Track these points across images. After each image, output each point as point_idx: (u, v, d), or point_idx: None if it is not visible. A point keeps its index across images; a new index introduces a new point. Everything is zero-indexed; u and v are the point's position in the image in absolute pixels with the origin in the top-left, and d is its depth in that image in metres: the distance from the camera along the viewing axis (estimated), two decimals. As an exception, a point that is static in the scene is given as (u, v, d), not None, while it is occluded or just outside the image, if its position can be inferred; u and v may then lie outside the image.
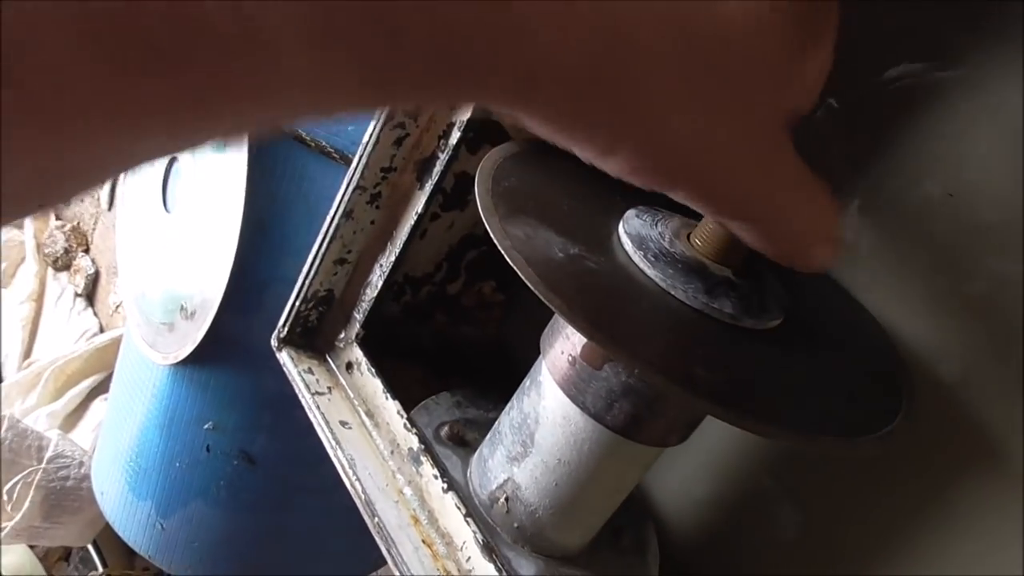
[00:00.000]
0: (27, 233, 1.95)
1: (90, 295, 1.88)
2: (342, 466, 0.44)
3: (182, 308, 0.61)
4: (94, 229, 1.93)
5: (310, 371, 0.49)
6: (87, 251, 1.94)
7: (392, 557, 0.40)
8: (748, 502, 0.49)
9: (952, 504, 0.39)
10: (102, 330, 1.75)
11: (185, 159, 0.63)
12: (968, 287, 0.38)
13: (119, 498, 0.71)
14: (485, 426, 0.44)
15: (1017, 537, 0.36)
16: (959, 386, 0.38)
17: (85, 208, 1.96)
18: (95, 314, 1.82)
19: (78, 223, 1.98)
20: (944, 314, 0.39)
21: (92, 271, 1.87)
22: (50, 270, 1.92)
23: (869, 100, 0.40)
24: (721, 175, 0.25)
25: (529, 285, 0.29)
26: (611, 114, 0.22)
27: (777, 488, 0.47)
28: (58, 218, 2.01)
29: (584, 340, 0.36)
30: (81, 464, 1.21)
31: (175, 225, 0.63)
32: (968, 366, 0.38)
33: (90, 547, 1.37)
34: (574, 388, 0.36)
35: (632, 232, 0.34)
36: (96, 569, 1.33)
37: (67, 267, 1.93)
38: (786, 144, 0.26)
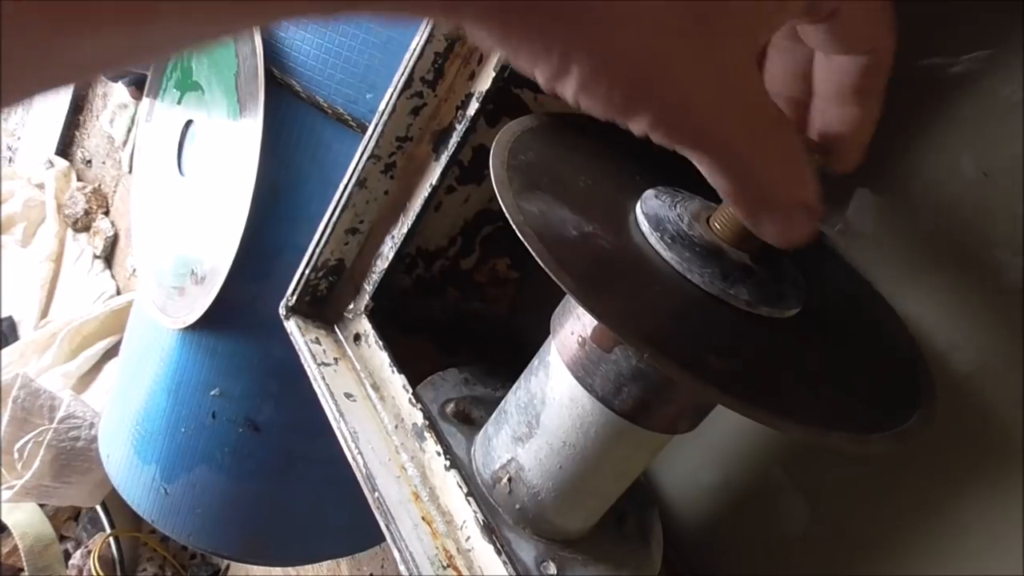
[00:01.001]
0: (48, 194, 1.96)
1: (108, 257, 1.89)
2: (344, 439, 0.43)
3: (193, 273, 0.60)
4: (115, 192, 1.94)
5: (317, 341, 0.49)
6: (107, 213, 1.95)
7: (391, 533, 0.39)
8: (756, 492, 0.48)
9: (964, 500, 0.38)
10: (119, 292, 1.76)
11: (201, 123, 0.62)
12: (987, 276, 0.36)
13: (124, 461, 0.72)
14: (492, 404, 0.44)
15: None
16: (974, 378, 0.37)
17: (106, 171, 1.97)
18: (112, 276, 1.83)
19: (99, 185, 1.98)
20: (961, 303, 0.38)
21: (111, 233, 1.88)
22: (70, 231, 1.94)
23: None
24: (680, 97, 0.23)
25: (539, 262, 0.28)
26: (557, 25, 0.21)
27: (786, 479, 0.46)
28: (79, 179, 2.02)
29: (595, 322, 0.35)
30: (92, 425, 1.22)
31: (189, 189, 0.62)
32: (984, 358, 0.37)
33: (99, 508, 1.39)
34: (583, 370, 0.35)
35: (650, 213, 0.33)
36: (104, 530, 1.35)
37: (87, 229, 1.94)
38: (755, 75, 0.25)
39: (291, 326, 0.49)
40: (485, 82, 0.41)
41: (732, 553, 0.49)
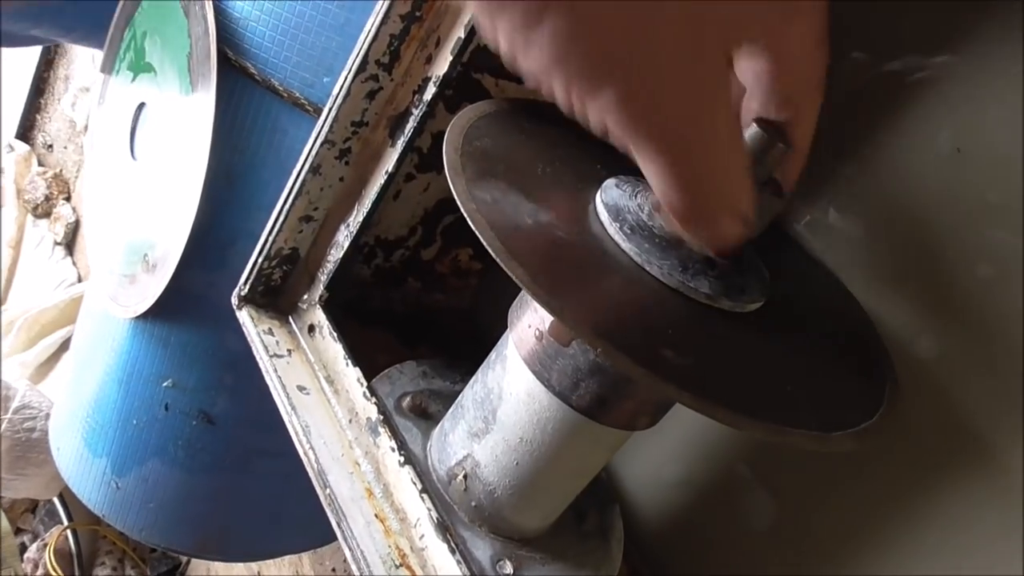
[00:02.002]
0: (7, 178, 1.90)
1: (69, 244, 1.84)
2: (296, 433, 0.42)
3: (144, 260, 0.58)
4: (76, 177, 1.89)
5: (270, 332, 0.47)
6: (68, 199, 1.90)
7: (342, 531, 0.38)
8: (720, 488, 0.48)
9: (929, 493, 0.38)
10: (80, 280, 1.72)
11: (153, 106, 0.60)
12: (942, 266, 0.36)
13: (74, 454, 0.69)
14: (450, 398, 0.42)
15: (994, 524, 0.35)
16: (937, 371, 0.36)
17: (68, 155, 1.92)
18: (73, 264, 1.78)
19: (60, 170, 1.94)
20: (921, 291, 0.37)
21: (72, 220, 1.84)
22: (30, 217, 1.89)
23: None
24: (655, 83, 0.23)
25: (491, 252, 0.27)
26: None
27: (750, 475, 0.46)
28: (40, 164, 1.97)
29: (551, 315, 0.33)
30: (48, 416, 1.19)
31: (141, 174, 0.60)
32: (945, 349, 0.36)
33: (56, 500, 1.36)
34: (540, 364, 0.34)
35: (609, 202, 0.32)
36: (62, 523, 1.31)
37: (47, 215, 1.89)
38: (728, 86, 0.25)
39: (243, 316, 0.48)
40: (443, 66, 0.40)
41: (695, 550, 0.49)
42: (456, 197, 0.29)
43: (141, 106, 0.61)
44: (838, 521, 0.42)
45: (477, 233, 0.27)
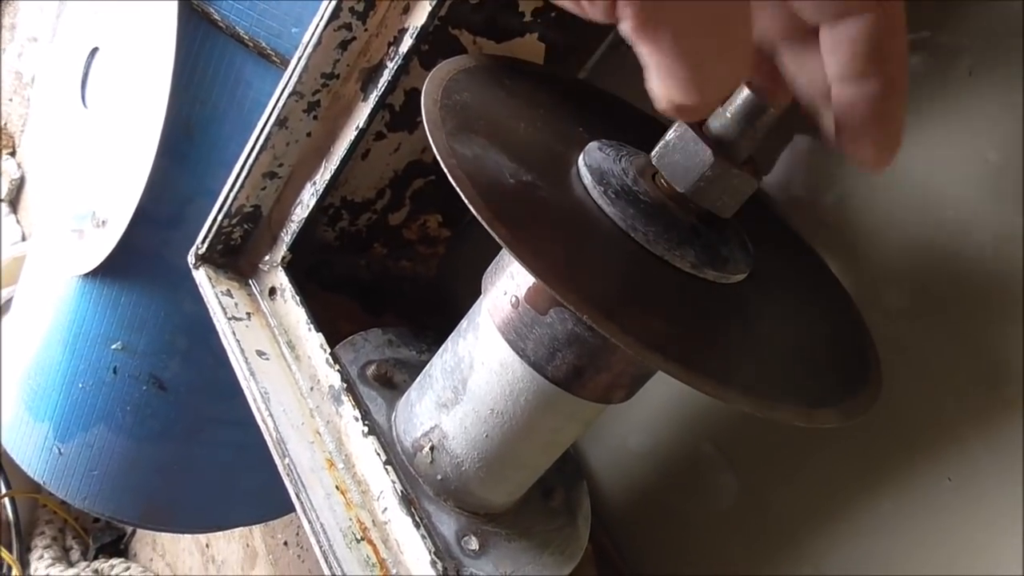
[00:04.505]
0: (-52, 130, 1.81)
1: (13, 201, 1.77)
2: (255, 399, 0.40)
3: (94, 215, 0.55)
4: (22, 131, 1.81)
5: (228, 294, 0.45)
6: (13, 154, 1.82)
7: (301, 502, 0.36)
8: (686, 466, 0.47)
9: (893, 472, 0.38)
10: (24, 239, 1.65)
11: (108, 50, 0.57)
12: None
13: (14, 417, 0.66)
14: (417, 368, 0.41)
15: (956, 505, 0.35)
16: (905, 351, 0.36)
17: (14, 108, 1.84)
18: (18, 221, 1.71)
19: (5, 124, 1.85)
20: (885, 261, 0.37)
21: (17, 176, 1.76)
22: (-28, 172, 1.80)
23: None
24: None
25: (471, 209, 0.25)
26: None
27: (716, 452, 0.45)
28: (-16, 117, 1.88)
29: (530, 281, 0.32)
30: (-13, 378, 1.14)
31: (92, 123, 0.57)
32: (915, 330, 0.36)
33: (-7, 467, 1.31)
34: (515, 333, 0.33)
35: (593, 165, 0.31)
36: (0, 490, 1.27)
37: (-9, 170, 1.81)
38: None
39: (200, 276, 0.45)
40: (420, 16, 0.38)
41: (662, 524, 0.48)
42: (435, 151, 0.27)
43: (94, 51, 0.57)
44: (801, 497, 0.42)
45: (458, 189, 0.26)
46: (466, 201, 0.26)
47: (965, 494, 0.35)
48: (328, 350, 0.41)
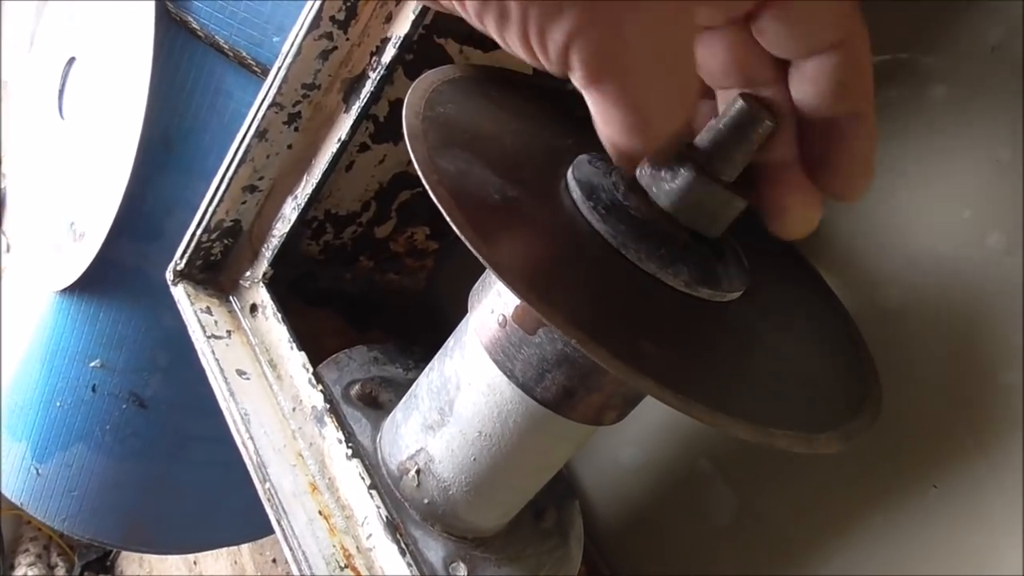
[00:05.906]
0: (-69, 140, 1.79)
1: (-2, 213, 1.74)
2: (234, 421, 0.39)
3: (71, 228, 0.54)
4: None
5: (208, 311, 0.43)
6: (-3, 165, 1.80)
7: (282, 529, 0.35)
8: (682, 484, 0.46)
9: (895, 493, 0.37)
10: (6, 251, 1.63)
11: (85, 60, 0.55)
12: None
13: (-9, 437, 0.64)
14: (403, 387, 0.40)
15: (958, 520, 0.35)
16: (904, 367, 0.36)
17: (-3, 118, 1.82)
18: (2, 233, 1.69)
19: (-11, 134, 1.83)
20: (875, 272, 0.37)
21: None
22: (-45, 182, 1.78)
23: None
24: (616, 11, 0.22)
25: (454, 228, 0.24)
26: None
27: (712, 468, 0.44)
28: (-33, 126, 1.86)
29: (517, 299, 0.31)
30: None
31: (69, 134, 0.55)
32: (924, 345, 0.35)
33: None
34: (502, 353, 0.32)
35: (582, 179, 0.30)
36: (-17, 506, 1.25)
37: (-26, 180, 1.79)
38: (690, 36, 0.24)
39: (179, 293, 0.44)
40: (404, 25, 0.36)
41: (655, 544, 0.47)
42: (417, 165, 0.26)
43: (71, 61, 0.56)
44: (799, 515, 0.41)
45: (439, 206, 0.25)
46: (448, 219, 0.24)
47: (957, 502, 0.35)
48: (311, 369, 0.40)
